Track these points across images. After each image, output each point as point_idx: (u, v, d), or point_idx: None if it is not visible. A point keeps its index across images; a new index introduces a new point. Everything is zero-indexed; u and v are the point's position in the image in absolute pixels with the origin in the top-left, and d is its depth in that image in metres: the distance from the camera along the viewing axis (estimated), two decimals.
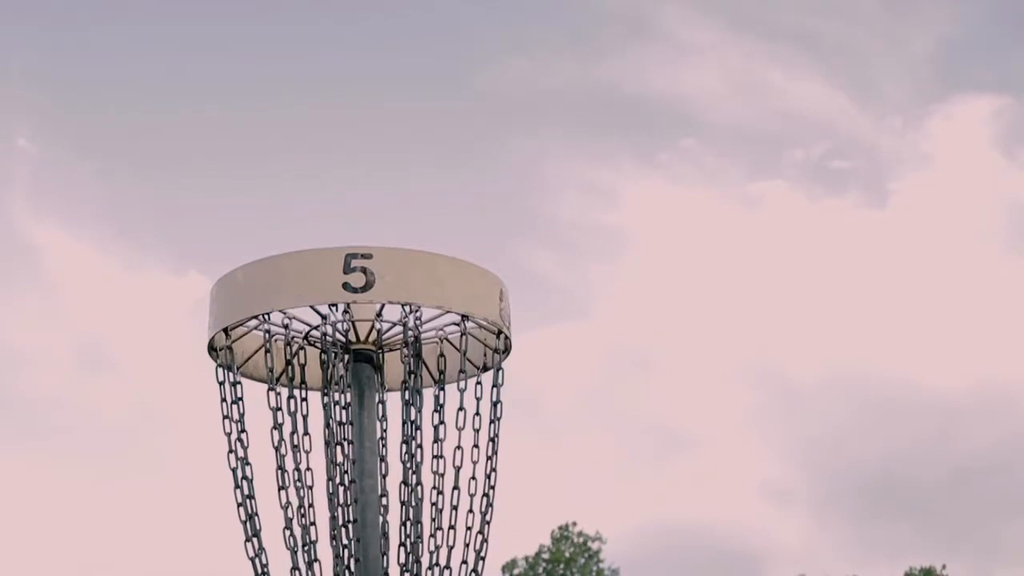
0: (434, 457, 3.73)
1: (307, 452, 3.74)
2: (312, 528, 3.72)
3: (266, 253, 3.70)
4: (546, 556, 35.59)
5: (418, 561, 3.73)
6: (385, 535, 3.79)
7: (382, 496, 3.80)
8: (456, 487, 3.74)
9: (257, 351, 3.87)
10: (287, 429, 3.72)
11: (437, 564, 3.72)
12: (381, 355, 3.95)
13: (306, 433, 3.76)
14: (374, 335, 3.89)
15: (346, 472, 3.76)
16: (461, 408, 3.76)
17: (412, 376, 3.80)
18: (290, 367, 3.86)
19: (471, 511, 3.78)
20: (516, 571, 35.74)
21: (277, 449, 3.70)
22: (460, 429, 3.75)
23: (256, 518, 3.71)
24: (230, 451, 3.71)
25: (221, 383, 3.77)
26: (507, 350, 3.90)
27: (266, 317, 3.72)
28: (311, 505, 3.73)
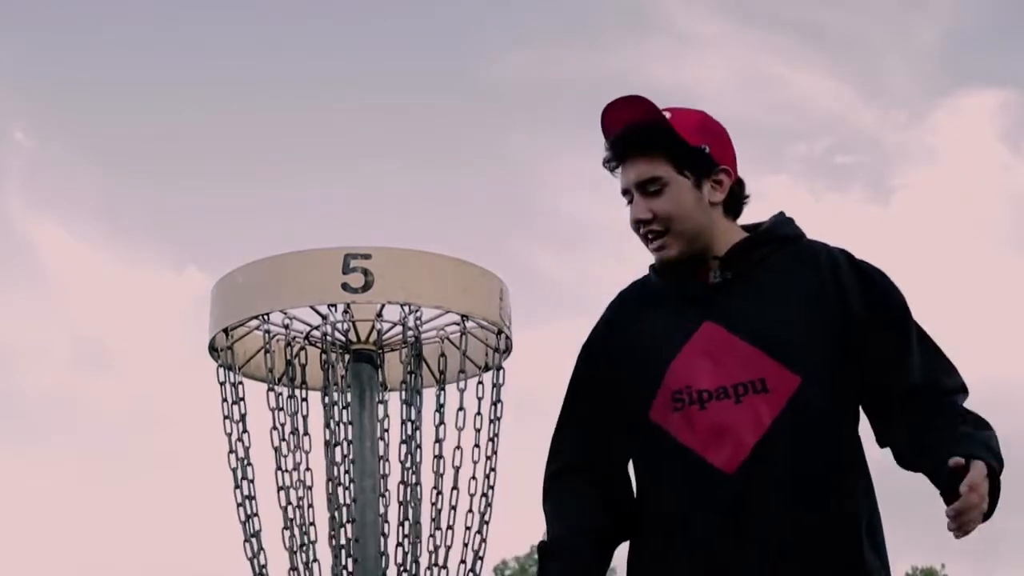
0: (434, 457, 3.73)
1: (307, 452, 3.73)
2: (311, 528, 3.72)
3: (266, 253, 3.69)
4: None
5: (416, 561, 3.73)
6: (384, 535, 3.79)
7: (381, 496, 3.80)
8: (456, 487, 3.74)
9: (258, 352, 3.87)
10: (287, 429, 3.72)
11: (436, 564, 3.72)
12: (381, 355, 3.94)
13: (306, 433, 3.76)
14: (374, 335, 3.89)
15: (346, 472, 3.75)
16: (461, 408, 3.76)
17: (412, 376, 3.79)
18: (291, 367, 3.85)
19: (470, 511, 3.78)
20: (507, 572, 35.70)
21: (277, 449, 3.69)
22: (460, 429, 3.75)
23: (256, 518, 3.71)
24: (231, 451, 3.70)
25: (222, 383, 3.76)
26: (508, 350, 3.89)
27: (266, 317, 3.72)
28: (310, 505, 3.73)
